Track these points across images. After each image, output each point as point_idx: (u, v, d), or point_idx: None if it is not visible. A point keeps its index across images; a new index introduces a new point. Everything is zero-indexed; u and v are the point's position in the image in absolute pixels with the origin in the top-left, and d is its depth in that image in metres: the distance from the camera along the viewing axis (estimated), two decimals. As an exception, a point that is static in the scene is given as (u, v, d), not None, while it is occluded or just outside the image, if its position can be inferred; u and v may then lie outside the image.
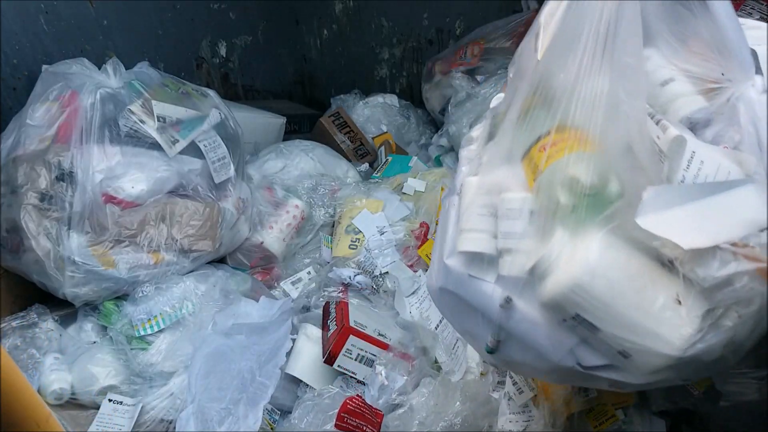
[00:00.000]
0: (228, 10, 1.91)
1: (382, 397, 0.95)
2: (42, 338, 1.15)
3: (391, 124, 1.88)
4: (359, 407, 0.93)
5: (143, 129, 1.20)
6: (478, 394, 0.94)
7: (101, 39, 1.57)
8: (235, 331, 1.12)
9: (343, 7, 2.04)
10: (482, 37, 1.65)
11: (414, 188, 1.40)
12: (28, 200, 1.14)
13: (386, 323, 1.11)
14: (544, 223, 0.56)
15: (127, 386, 1.11)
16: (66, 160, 1.14)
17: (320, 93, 2.28)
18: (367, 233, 1.32)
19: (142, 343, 1.14)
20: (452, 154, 1.67)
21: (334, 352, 1.01)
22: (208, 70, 1.92)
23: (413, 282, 1.19)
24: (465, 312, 0.66)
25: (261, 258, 1.40)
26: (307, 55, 2.24)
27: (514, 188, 0.60)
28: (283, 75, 2.22)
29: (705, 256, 0.51)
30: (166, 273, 1.21)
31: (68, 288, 1.14)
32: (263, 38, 2.07)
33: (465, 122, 1.50)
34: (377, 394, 0.95)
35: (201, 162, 1.27)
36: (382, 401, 0.95)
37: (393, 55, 2.06)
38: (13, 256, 1.18)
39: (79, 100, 1.17)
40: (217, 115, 1.32)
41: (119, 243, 1.17)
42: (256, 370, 1.03)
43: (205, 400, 1.01)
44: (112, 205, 1.16)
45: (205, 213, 1.25)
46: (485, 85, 1.51)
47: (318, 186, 1.50)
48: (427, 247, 1.25)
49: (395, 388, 0.95)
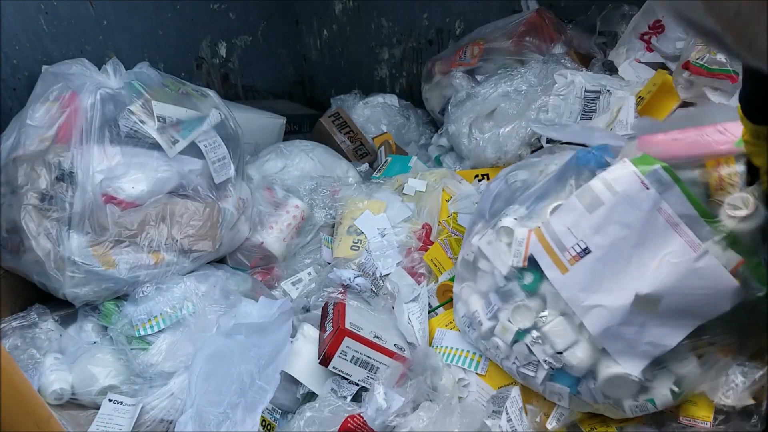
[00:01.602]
0: (228, 10, 1.91)
1: (378, 418, 0.94)
2: (42, 338, 1.15)
3: (391, 124, 1.88)
4: (360, 427, 0.93)
5: (143, 129, 1.20)
6: (474, 421, 0.94)
7: (101, 39, 1.57)
8: (235, 331, 1.12)
9: (343, 7, 2.04)
10: (482, 37, 1.65)
11: (415, 188, 1.40)
12: (29, 200, 1.14)
13: (384, 326, 1.11)
14: None
15: (127, 386, 1.11)
16: (66, 160, 1.15)
17: (320, 93, 2.28)
18: (368, 234, 1.32)
19: (143, 343, 1.14)
20: (452, 154, 1.67)
21: (330, 354, 1.01)
22: (208, 70, 1.92)
23: (413, 289, 1.18)
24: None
25: (261, 258, 1.40)
26: (307, 55, 2.24)
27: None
28: (283, 75, 2.22)
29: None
30: (166, 273, 1.21)
31: (68, 288, 1.14)
32: (263, 38, 2.07)
33: (465, 122, 1.50)
34: (374, 415, 0.94)
35: (201, 162, 1.27)
36: (379, 422, 0.93)
37: (393, 55, 2.06)
38: (13, 257, 1.18)
39: (79, 101, 1.17)
40: (217, 115, 1.32)
41: (119, 243, 1.17)
42: (255, 373, 1.03)
43: (204, 404, 1.01)
44: (112, 205, 1.16)
45: (205, 213, 1.25)
46: (485, 85, 1.51)
47: (318, 186, 1.50)
48: (433, 252, 1.24)
49: (393, 409, 0.94)
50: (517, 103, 1.42)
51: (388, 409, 0.94)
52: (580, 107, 1.34)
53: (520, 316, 0.89)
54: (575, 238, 0.83)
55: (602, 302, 0.81)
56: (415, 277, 1.23)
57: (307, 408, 1.00)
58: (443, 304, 1.16)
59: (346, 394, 1.02)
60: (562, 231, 0.84)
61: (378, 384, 0.97)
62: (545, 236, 0.87)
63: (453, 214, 1.32)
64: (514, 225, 0.93)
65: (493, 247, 0.95)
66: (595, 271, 0.82)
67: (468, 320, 1.02)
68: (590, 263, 0.82)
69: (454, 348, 1.06)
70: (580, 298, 0.83)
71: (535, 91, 1.41)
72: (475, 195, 1.35)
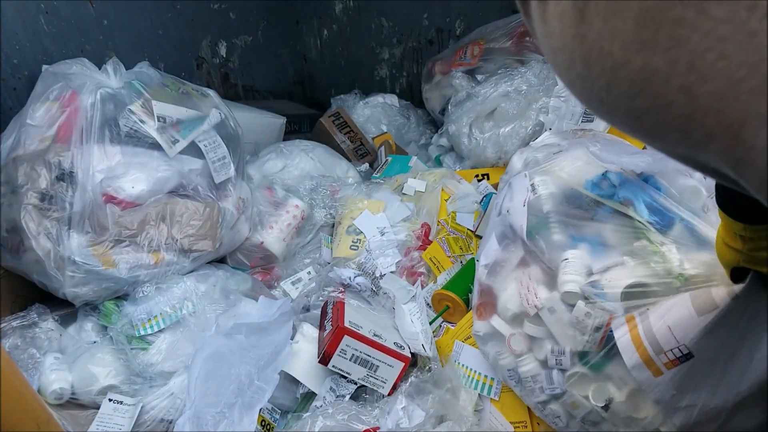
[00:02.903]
0: (228, 10, 1.91)
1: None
2: (42, 338, 1.15)
3: (391, 124, 1.88)
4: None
5: (143, 129, 1.20)
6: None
7: (101, 39, 1.57)
8: (234, 331, 1.12)
9: (343, 7, 2.04)
10: (482, 37, 1.65)
11: (414, 188, 1.40)
12: (29, 200, 1.14)
13: (384, 325, 1.11)
14: None
15: (127, 386, 1.11)
16: (66, 160, 1.14)
17: (320, 93, 2.28)
18: (368, 234, 1.32)
19: (143, 343, 1.14)
20: (452, 154, 1.67)
21: (329, 352, 1.01)
22: (208, 70, 1.92)
23: (408, 291, 1.18)
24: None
25: (261, 258, 1.40)
26: (307, 55, 2.24)
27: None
28: (283, 75, 2.22)
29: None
30: (166, 273, 1.21)
31: (68, 288, 1.14)
32: (263, 38, 2.07)
33: (465, 122, 1.50)
34: (393, 428, 0.88)
35: (201, 162, 1.27)
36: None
37: (393, 55, 2.06)
38: (13, 256, 1.18)
39: (80, 100, 1.17)
40: (218, 115, 1.32)
41: (119, 243, 1.17)
42: (254, 374, 1.03)
43: (202, 405, 1.01)
44: (112, 205, 1.16)
45: (206, 213, 1.25)
46: (485, 85, 1.51)
47: (318, 186, 1.50)
48: (432, 251, 1.24)
49: (413, 423, 0.89)
50: (517, 103, 1.42)
51: (408, 423, 0.89)
52: (582, 109, 1.34)
53: (597, 393, 0.77)
54: (676, 342, 0.70)
55: (697, 402, 0.72)
56: (414, 276, 1.23)
57: (320, 413, 0.96)
58: (440, 315, 1.15)
59: (344, 392, 1.02)
60: (662, 331, 0.71)
61: (401, 395, 0.94)
62: (640, 334, 0.73)
63: (452, 213, 1.32)
64: (583, 290, 0.76)
65: (556, 317, 0.78)
66: (695, 375, 0.71)
67: (516, 376, 0.89)
68: (689, 367, 0.71)
69: (471, 369, 1.03)
70: (672, 400, 0.72)
71: (536, 91, 1.41)
72: (474, 194, 1.35)
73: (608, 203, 0.80)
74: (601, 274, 0.76)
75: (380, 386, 1.02)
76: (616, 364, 0.75)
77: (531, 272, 0.83)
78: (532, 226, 0.84)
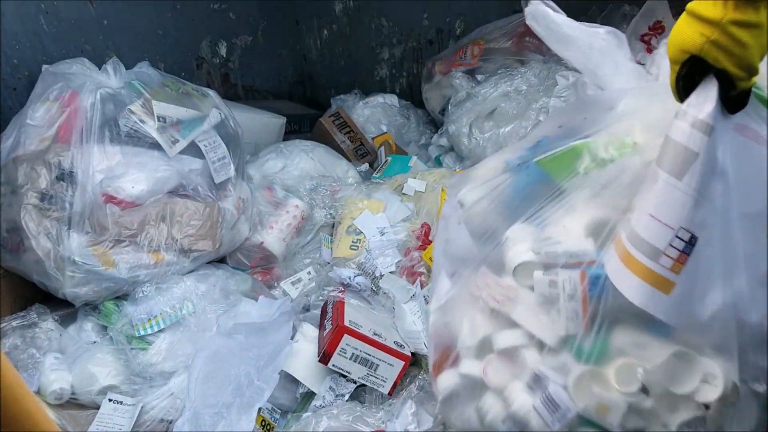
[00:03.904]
0: (228, 10, 1.91)
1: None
2: (42, 338, 1.15)
3: (391, 124, 1.88)
4: None
5: (143, 129, 1.20)
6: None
7: (101, 39, 1.57)
8: (234, 332, 1.13)
9: (343, 7, 2.04)
10: (482, 37, 1.65)
11: (414, 188, 1.40)
12: (29, 200, 1.14)
13: (384, 324, 1.11)
14: None
15: (127, 386, 1.11)
16: (66, 160, 1.15)
17: (320, 93, 2.28)
18: (368, 234, 1.32)
19: (142, 343, 1.14)
20: (452, 154, 1.67)
21: (329, 351, 1.01)
22: (208, 70, 1.92)
23: (407, 291, 1.18)
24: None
25: (261, 258, 1.41)
26: (307, 55, 2.24)
27: None
28: (283, 75, 2.22)
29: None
30: (166, 273, 1.21)
31: (68, 288, 1.14)
32: (263, 38, 2.07)
33: (465, 122, 1.50)
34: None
35: (201, 162, 1.27)
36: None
37: (393, 55, 2.06)
38: (13, 256, 1.18)
39: (80, 100, 1.17)
40: (218, 115, 1.32)
41: (119, 243, 1.17)
42: (254, 374, 1.03)
43: (202, 405, 1.01)
44: (112, 205, 1.16)
45: (205, 213, 1.25)
46: (485, 85, 1.51)
47: (318, 186, 1.50)
48: (431, 251, 1.24)
49: (421, 430, 0.86)
50: (517, 103, 1.42)
51: (417, 427, 0.87)
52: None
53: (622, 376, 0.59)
54: (670, 229, 0.53)
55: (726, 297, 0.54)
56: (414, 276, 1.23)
57: (324, 413, 0.95)
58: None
59: (344, 392, 1.02)
60: (647, 226, 0.54)
61: (410, 400, 0.93)
62: (626, 248, 0.55)
63: (452, 214, 1.32)
64: (530, 256, 0.62)
65: (525, 308, 0.63)
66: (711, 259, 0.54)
67: (517, 423, 0.68)
68: (702, 253, 0.53)
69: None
70: (699, 312, 0.55)
71: (536, 90, 1.41)
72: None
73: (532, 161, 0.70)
74: (552, 227, 0.62)
75: (380, 385, 1.02)
76: (620, 331, 0.59)
77: (485, 272, 0.71)
78: (473, 232, 0.74)
